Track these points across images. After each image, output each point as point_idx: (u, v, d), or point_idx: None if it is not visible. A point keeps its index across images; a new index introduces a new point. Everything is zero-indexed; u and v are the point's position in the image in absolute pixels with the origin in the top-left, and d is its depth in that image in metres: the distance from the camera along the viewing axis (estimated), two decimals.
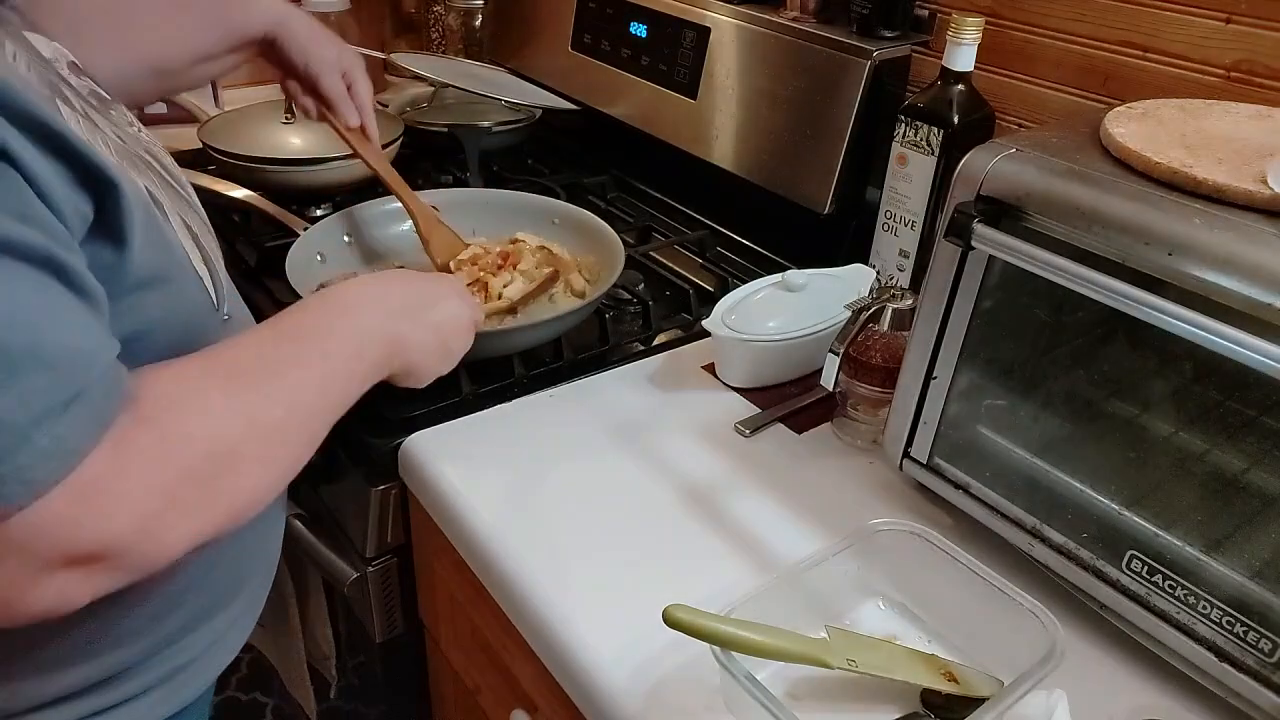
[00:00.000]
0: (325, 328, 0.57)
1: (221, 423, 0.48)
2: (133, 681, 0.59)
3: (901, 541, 0.64)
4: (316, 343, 0.56)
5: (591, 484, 0.77)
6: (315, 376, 0.55)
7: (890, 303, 0.78)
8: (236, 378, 0.51)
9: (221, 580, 0.64)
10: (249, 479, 0.50)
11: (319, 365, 0.55)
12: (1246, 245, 0.52)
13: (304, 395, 0.53)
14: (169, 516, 0.46)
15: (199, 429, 0.47)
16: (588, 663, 0.62)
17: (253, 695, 1.59)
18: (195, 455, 0.47)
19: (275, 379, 0.52)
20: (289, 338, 0.56)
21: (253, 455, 0.50)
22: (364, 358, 0.59)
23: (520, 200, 1.09)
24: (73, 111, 0.49)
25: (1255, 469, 0.58)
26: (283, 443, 0.52)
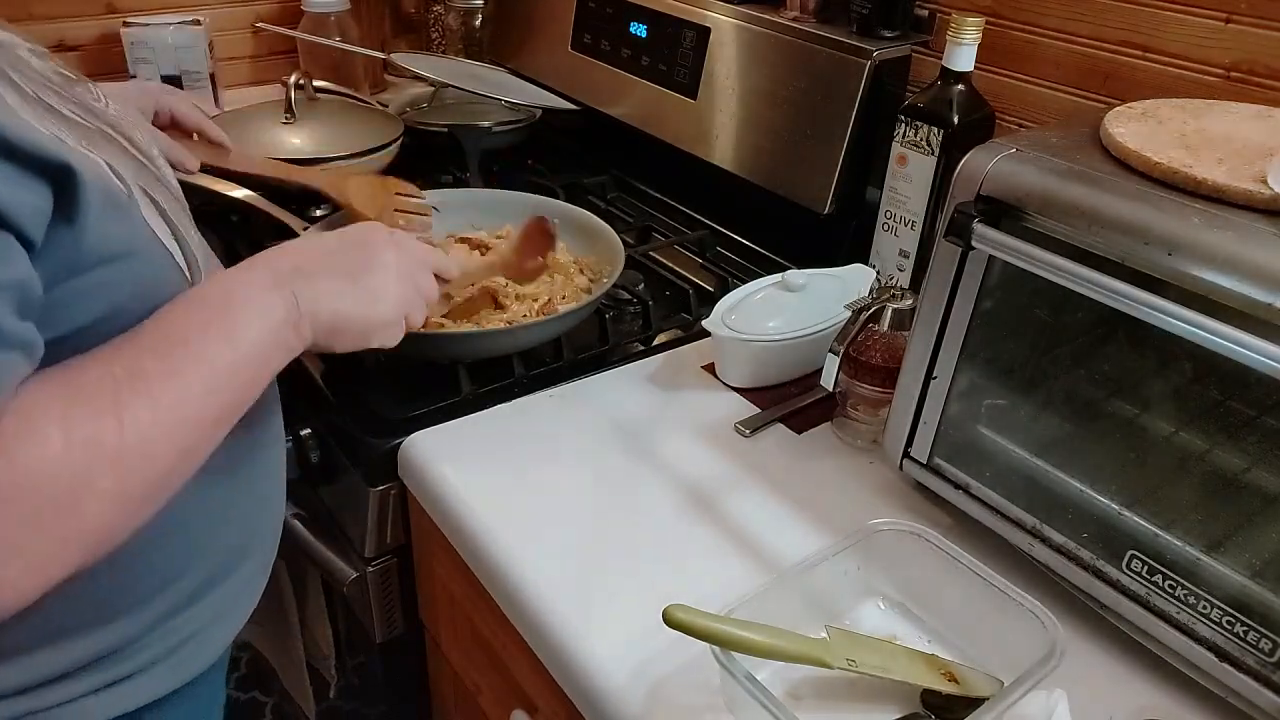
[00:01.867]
0: (199, 322, 0.52)
1: (59, 462, 0.43)
2: (144, 652, 0.59)
3: (901, 541, 0.64)
4: (186, 344, 0.50)
5: (591, 484, 0.77)
6: (185, 384, 0.49)
7: (890, 303, 0.78)
8: (84, 403, 0.45)
9: (224, 548, 0.64)
10: (98, 516, 0.45)
11: (189, 370, 0.49)
12: (1246, 245, 0.52)
13: (169, 409, 0.48)
14: (10, 565, 0.42)
15: (33, 470, 0.43)
16: (587, 663, 0.62)
17: (252, 695, 1.59)
18: (28, 499, 0.42)
19: (133, 396, 0.47)
20: (155, 344, 0.50)
21: (101, 491, 0.45)
22: (251, 341, 0.53)
23: (520, 200, 1.09)
24: (23, 97, 0.48)
25: (1255, 469, 0.58)
26: (139, 469, 0.47)
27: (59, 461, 0.43)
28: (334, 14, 1.52)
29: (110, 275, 0.50)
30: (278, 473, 0.71)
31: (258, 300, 0.54)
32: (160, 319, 0.51)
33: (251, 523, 0.68)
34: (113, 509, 0.46)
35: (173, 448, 0.49)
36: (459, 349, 0.88)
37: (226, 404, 0.52)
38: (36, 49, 0.57)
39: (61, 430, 0.44)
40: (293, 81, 1.22)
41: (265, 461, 0.68)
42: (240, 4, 1.57)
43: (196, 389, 0.49)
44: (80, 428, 0.44)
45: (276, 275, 0.56)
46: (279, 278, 0.56)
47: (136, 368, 0.48)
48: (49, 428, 0.44)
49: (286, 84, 1.22)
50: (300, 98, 1.22)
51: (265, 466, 0.68)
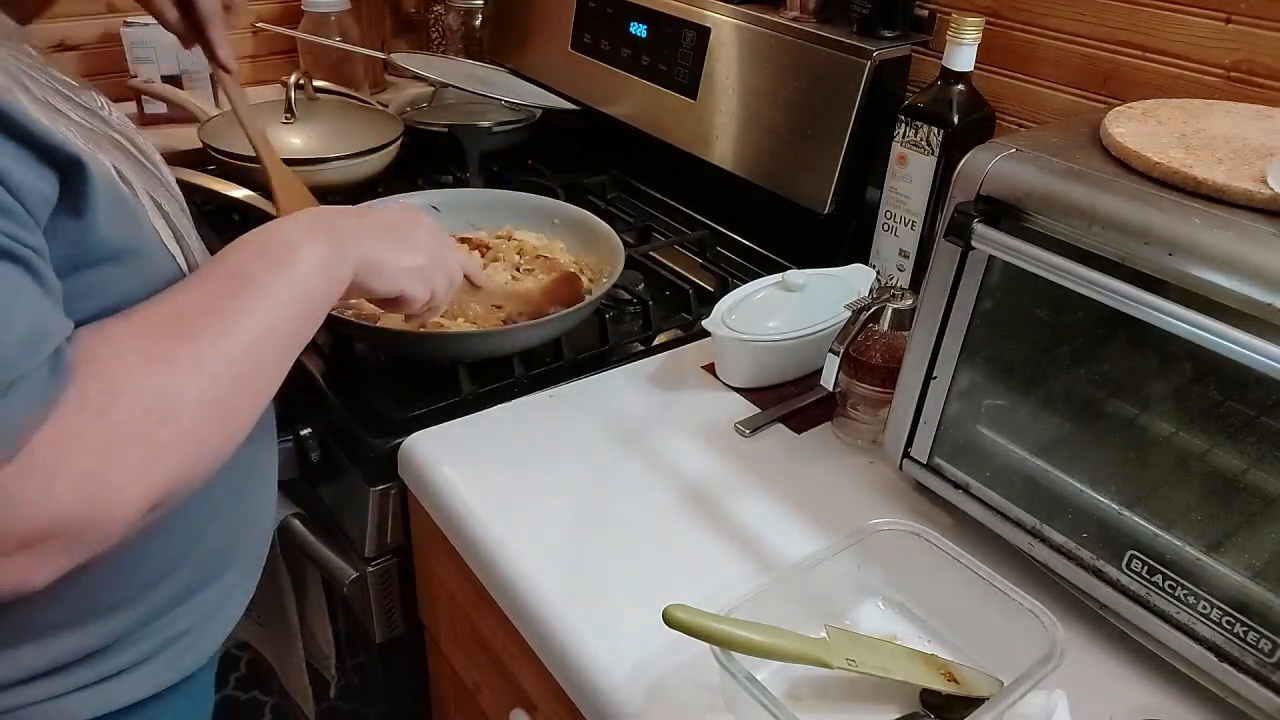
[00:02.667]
0: (256, 258, 0.55)
1: (149, 375, 0.47)
2: (127, 652, 0.59)
3: (901, 541, 0.64)
4: (248, 276, 0.54)
5: (591, 484, 0.77)
6: (252, 310, 0.53)
7: (890, 303, 0.78)
8: (162, 330, 0.50)
9: (213, 548, 0.64)
10: (193, 425, 0.49)
11: (254, 299, 0.53)
12: (1246, 245, 0.52)
13: (239, 331, 0.52)
14: (112, 479, 0.45)
15: (125, 384, 0.46)
16: (587, 662, 0.62)
17: (252, 694, 1.59)
18: (125, 411, 0.46)
19: (206, 325, 0.51)
20: (220, 280, 0.54)
21: (189, 399, 0.48)
22: (306, 275, 0.57)
23: (520, 200, 1.09)
24: (33, 99, 0.49)
25: (1255, 469, 0.58)
26: (224, 380, 0.51)
27: (141, 373, 0.47)
28: (334, 14, 1.52)
29: (114, 273, 0.51)
30: (269, 475, 0.71)
31: (307, 238, 0.58)
32: (219, 258, 0.55)
33: (241, 526, 0.68)
34: (203, 414, 0.49)
35: (248, 359, 0.52)
36: (459, 349, 0.88)
37: (289, 330, 0.56)
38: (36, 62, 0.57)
39: (139, 351, 0.48)
40: (293, 81, 1.22)
41: (256, 465, 0.68)
42: None
43: (261, 313, 0.53)
44: (157, 347, 0.49)
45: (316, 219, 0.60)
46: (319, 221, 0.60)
47: (203, 299, 0.52)
48: (126, 351, 0.48)
49: (286, 84, 1.22)
50: (300, 98, 1.22)
51: (256, 470, 0.68)
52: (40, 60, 0.57)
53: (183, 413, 0.48)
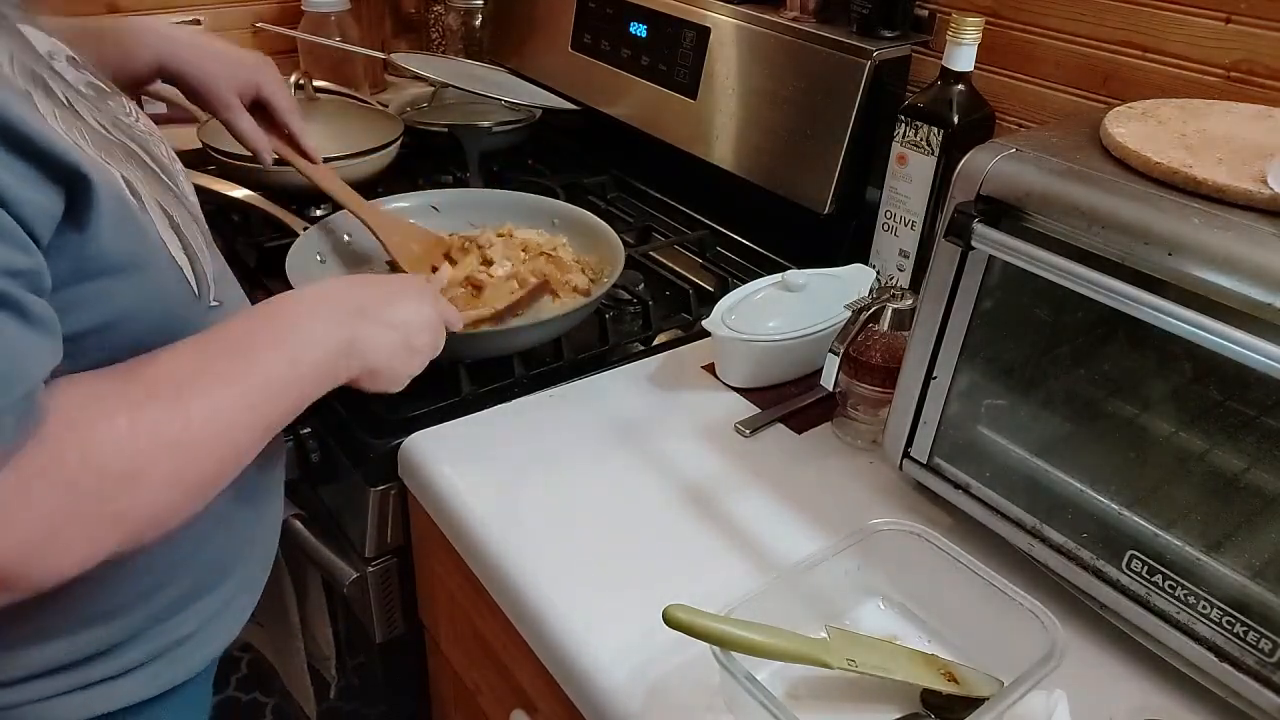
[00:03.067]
0: (264, 338, 0.55)
1: (124, 442, 0.46)
2: (121, 658, 0.59)
3: (901, 541, 0.64)
4: (249, 355, 0.54)
5: (591, 484, 0.77)
6: (243, 390, 0.52)
7: (890, 303, 0.78)
8: (150, 394, 0.49)
9: (213, 558, 0.64)
10: (151, 499, 0.49)
11: (249, 378, 0.53)
12: (1246, 245, 0.52)
13: (226, 411, 0.51)
14: (58, 544, 0.45)
15: (97, 449, 0.46)
16: (587, 663, 0.62)
17: (253, 695, 1.59)
18: (96, 480, 0.45)
19: (195, 394, 0.50)
20: (219, 351, 0.53)
21: (159, 475, 0.48)
22: (309, 364, 0.57)
23: (520, 200, 1.09)
24: (51, 103, 0.49)
25: (1255, 469, 0.58)
26: (195, 460, 0.50)
27: (124, 442, 0.46)
28: (334, 14, 1.52)
29: (116, 285, 0.50)
30: (275, 494, 0.71)
31: (321, 332, 0.59)
32: (229, 328, 0.55)
33: (244, 538, 0.68)
34: (167, 494, 0.49)
35: (226, 446, 0.52)
36: (459, 349, 0.88)
37: (276, 415, 0.56)
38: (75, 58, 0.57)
39: (128, 416, 0.47)
40: (293, 81, 1.22)
41: (261, 485, 0.68)
42: (240, 4, 1.57)
43: (254, 398, 0.53)
44: (146, 414, 0.48)
45: (343, 313, 0.61)
46: (344, 316, 0.61)
47: (202, 369, 0.52)
48: (117, 412, 0.47)
49: (287, 84, 1.22)
50: (300, 98, 1.22)
51: (262, 488, 0.68)
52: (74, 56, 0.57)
53: (146, 490, 0.48)
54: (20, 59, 0.49)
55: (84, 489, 0.45)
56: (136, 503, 0.48)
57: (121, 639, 0.59)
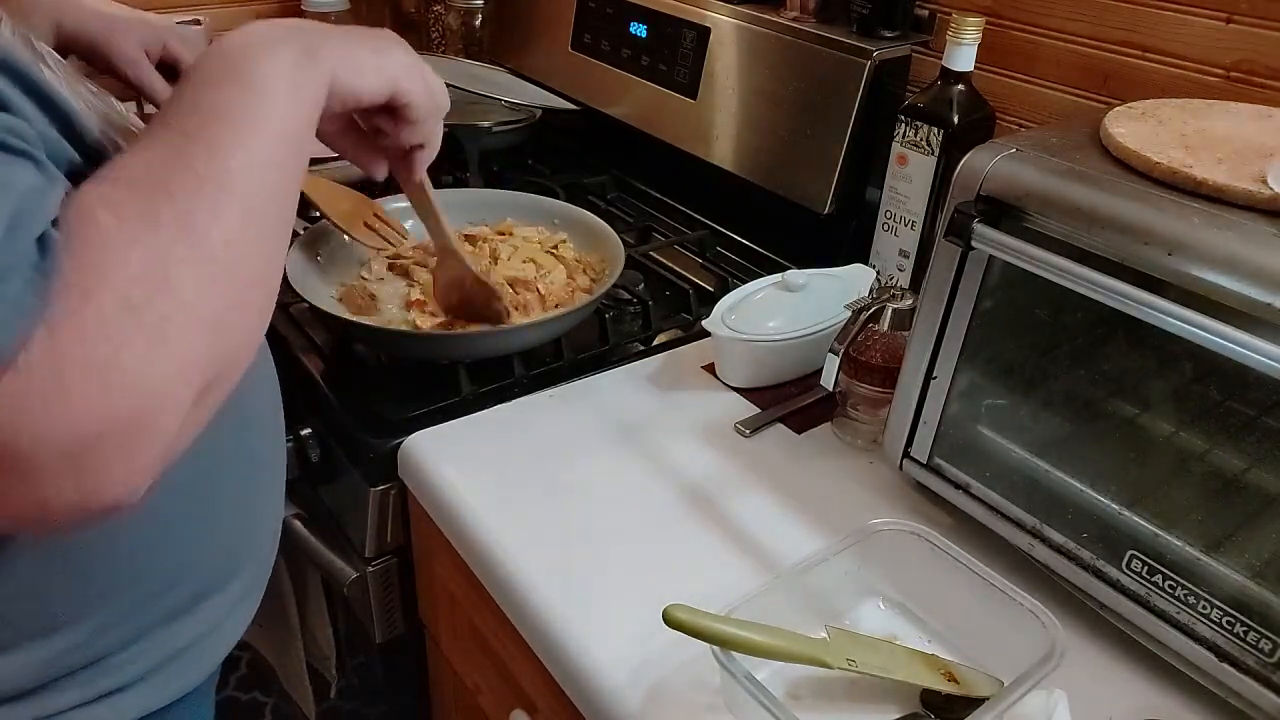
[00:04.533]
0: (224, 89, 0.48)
1: (129, 240, 0.41)
2: (129, 668, 0.59)
3: (901, 541, 0.64)
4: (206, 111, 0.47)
5: (591, 484, 0.77)
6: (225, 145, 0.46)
7: (890, 303, 0.78)
8: (133, 187, 0.43)
9: (215, 561, 0.63)
10: (192, 294, 0.42)
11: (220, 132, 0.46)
12: (1246, 245, 0.52)
13: (216, 172, 0.45)
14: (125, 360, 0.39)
15: (102, 256, 0.41)
16: (587, 663, 0.62)
17: (252, 695, 1.59)
18: (110, 287, 0.40)
19: (175, 169, 0.44)
20: (184, 121, 0.46)
21: (181, 257, 0.42)
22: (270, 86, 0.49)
23: (520, 200, 1.09)
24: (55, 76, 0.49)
25: (1255, 469, 0.58)
26: (214, 234, 0.44)
27: (118, 240, 0.41)
28: (334, 14, 1.52)
29: None
30: (276, 488, 0.71)
31: (268, 49, 0.50)
32: (176, 97, 0.48)
33: (246, 536, 0.67)
34: (201, 275, 0.43)
35: (234, 204, 0.45)
36: (459, 349, 0.88)
37: (277, 165, 0.48)
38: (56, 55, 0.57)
39: (111, 213, 0.42)
40: None
41: (263, 477, 0.68)
42: (240, 4, 1.57)
43: (232, 142, 0.46)
44: (127, 208, 0.42)
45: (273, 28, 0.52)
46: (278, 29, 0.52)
47: (163, 143, 0.45)
48: (98, 213, 0.41)
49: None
50: None
51: (263, 481, 0.68)
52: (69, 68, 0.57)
53: (178, 278, 0.42)
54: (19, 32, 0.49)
55: (107, 302, 0.40)
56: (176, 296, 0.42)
57: (127, 645, 0.58)
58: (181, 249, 0.42)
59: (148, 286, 0.41)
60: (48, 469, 0.39)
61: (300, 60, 0.50)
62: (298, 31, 0.52)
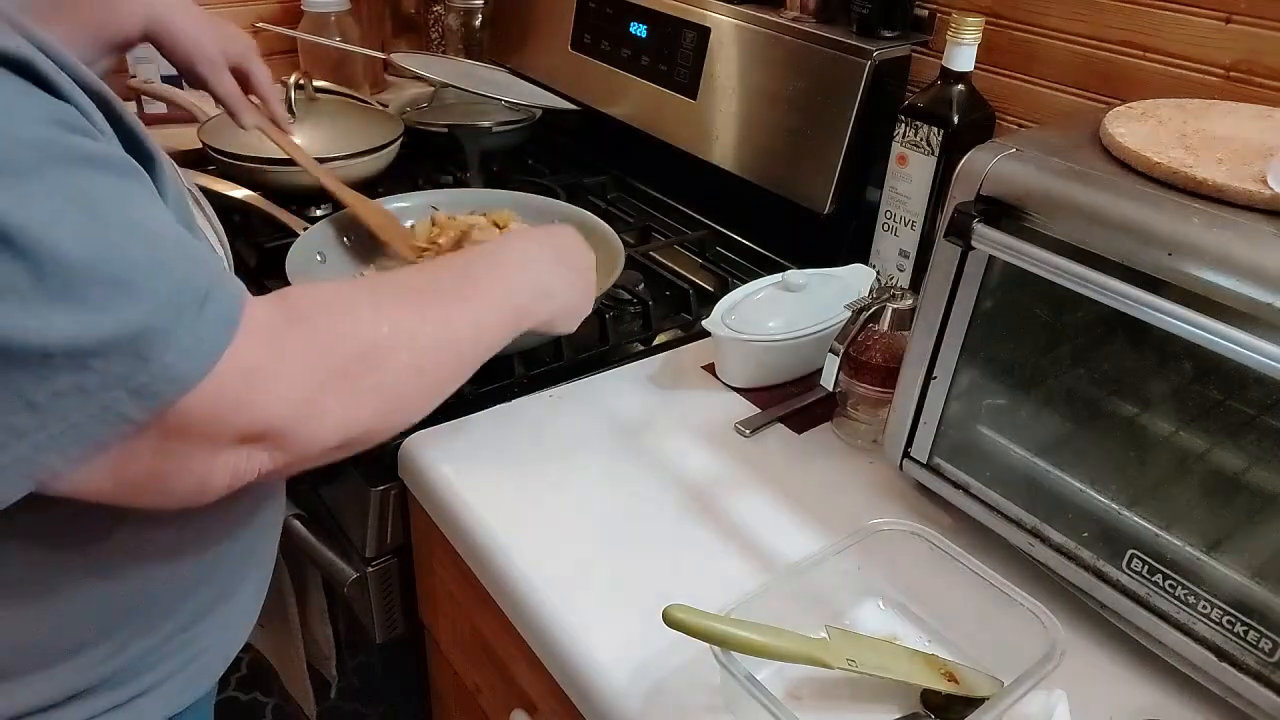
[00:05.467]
0: (478, 272, 0.64)
1: (371, 328, 0.54)
2: (153, 672, 0.60)
3: (901, 541, 0.64)
4: (469, 282, 0.63)
5: (591, 484, 0.77)
6: (466, 308, 0.61)
7: (890, 303, 0.78)
8: (389, 297, 0.58)
9: (228, 569, 0.64)
10: (395, 382, 0.55)
11: (474, 300, 0.62)
12: (1246, 245, 0.52)
13: (454, 320, 0.60)
14: (323, 402, 0.51)
15: (349, 329, 0.53)
16: (587, 663, 0.62)
17: (253, 695, 1.59)
18: (345, 351, 0.52)
19: (430, 303, 0.59)
20: (444, 274, 0.63)
21: (400, 361, 0.55)
22: (514, 301, 0.66)
23: (520, 200, 1.09)
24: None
25: (1255, 468, 0.58)
26: (430, 354, 0.57)
27: (369, 326, 0.54)
28: (334, 14, 1.52)
29: None
30: (275, 499, 0.71)
31: (533, 269, 0.69)
32: (455, 258, 0.66)
33: (258, 536, 0.68)
34: (407, 378, 0.56)
35: (453, 353, 0.60)
36: None
37: (490, 338, 0.64)
38: None
39: (373, 309, 0.55)
40: (293, 81, 1.22)
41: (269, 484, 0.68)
42: (240, 4, 1.57)
43: (475, 314, 0.62)
44: (388, 310, 0.56)
45: (542, 253, 0.71)
46: (544, 255, 0.71)
47: (435, 285, 0.61)
48: (362, 305, 0.55)
49: (286, 84, 1.22)
50: (300, 98, 1.22)
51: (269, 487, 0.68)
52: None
53: (390, 370, 0.54)
54: None
55: (337, 359, 0.51)
56: (382, 380, 0.54)
57: (149, 652, 0.59)
58: (405, 353, 0.56)
59: (366, 364, 0.53)
60: (227, 446, 0.48)
61: (539, 296, 0.69)
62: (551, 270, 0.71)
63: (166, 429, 0.45)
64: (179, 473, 0.47)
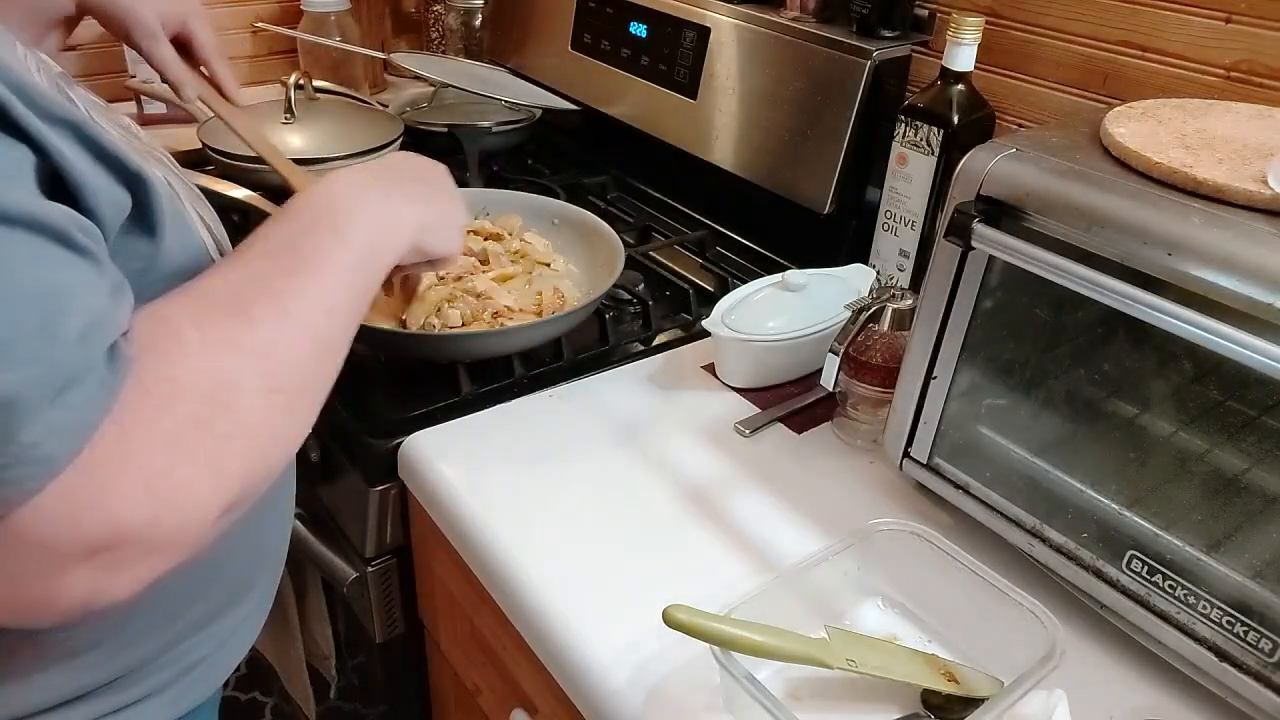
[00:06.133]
0: (298, 240, 0.52)
1: (209, 360, 0.44)
2: (151, 679, 0.59)
3: (901, 541, 0.64)
4: (292, 256, 0.51)
5: (591, 484, 0.77)
6: (302, 289, 0.49)
7: (890, 303, 0.78)
8: (218, 310, 0.46)
9: (234, 577, 0.64)
10: (253, 411, 0.45)
11: (302, 276, 0.50)
12: (1246, 245, 0.52)
13: (293, 310, 0.48)
14: (180, 475, 0.42)
15: (184, 371, 0.43)
16: (587, 663, 0.62)
17: (252, 695, 1.59)
18: (187, 400, 0.43)
19: (264, 305, 0.47)
20: (258, 262, 0.50)
21: (249, 385, 0.45)
22: (356, 252, 0.53)
23: (520, 200, 1.09)
24: (84, 110, 0.49)
25: (1255, 469, 0.58)
26: (282, 363, 0.47)
27: (200, 357, 0.44)
28: (334, 14, 1.52)
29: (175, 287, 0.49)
30: (284, 502, 0.71)
31: (359, 205, 0.55)
32: (267, 233, 0.52)
33: (266, 547, 0.68)
34: (266, 404, 0.46)
35: (307, 339, 0.49)
36: (459, 349, 0.88)
37: (346, 308, 0.52)
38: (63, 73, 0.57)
39: (196, 333, 0.44)
40: (293, 81, 1.22)
41: (280, 486, 0.68)
42: (240, 4, 1.57)
43: (317, 283, 0.50)
44: (212, 329, 0.45)
45: (363, 180, 0.58)
46: (366, 182, 0.58)
47: (253, 272, 0.49)
48: (184, 334, 0.44)
49: (286, 84, 1.22)
50: (300, 98, 1.22)
51: (280, 491, 0.68)
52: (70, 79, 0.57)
53: (244, 402, 0.45)
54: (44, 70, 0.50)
55: (182, 414, 0.42)
56: (240, 420, 0.45)
57: (149, 659, 0.59)
58: (253, 377, 0.45)
59: (216, 407, 0.43)
60: (74, 562, 0.40)
61: (387, 226, 0.56)
62: (385, 193, 0.57)
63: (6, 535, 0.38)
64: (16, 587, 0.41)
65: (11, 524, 0.38)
